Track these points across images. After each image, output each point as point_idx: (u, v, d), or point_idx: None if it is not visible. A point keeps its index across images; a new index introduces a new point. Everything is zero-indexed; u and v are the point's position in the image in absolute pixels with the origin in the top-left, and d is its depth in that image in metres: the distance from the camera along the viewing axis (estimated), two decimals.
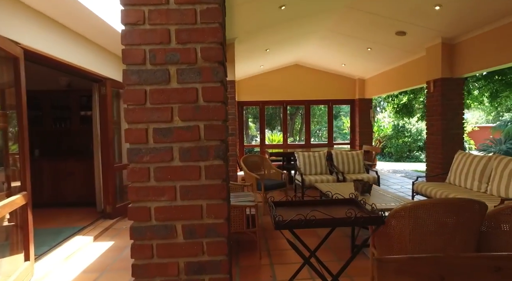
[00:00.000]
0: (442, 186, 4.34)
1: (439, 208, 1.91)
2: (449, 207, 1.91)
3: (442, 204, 1.91)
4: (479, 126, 21.52)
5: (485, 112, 23.76)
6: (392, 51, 6.86)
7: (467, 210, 1.93)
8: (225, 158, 1.46)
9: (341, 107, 18.58)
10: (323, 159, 5.75)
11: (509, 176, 3.61)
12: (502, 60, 4.75)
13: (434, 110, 5.90)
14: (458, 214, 1.92)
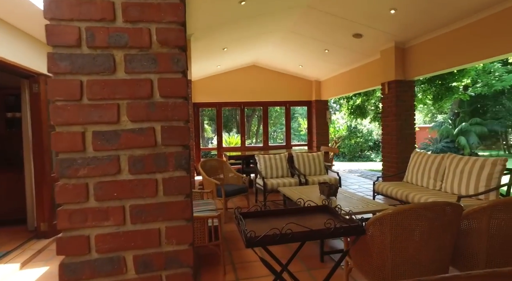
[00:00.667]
0: (401, 185, 4.43)
1: (421, 213, 1.80)
2: (432, 211, 1.82)
3: (424, 208, 1.81)
4: (419, 127, 23.41)
5: (422, 114, 25.92)
6: (349, 53, 7.00)
7: (448, 213, 1.85)
8: (189, 167, 1.17)
9: (296, 108, 18.92)
10: (284, 162, 5.62)
11: (461, 174, 3.76)
12: (447, 64, 5.02)
13: (389, 111, 6.09)
14: (440, 218, 1.83)
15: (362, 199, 3.50)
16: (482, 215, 1.98)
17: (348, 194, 3.83)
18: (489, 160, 3.52)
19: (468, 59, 4.65)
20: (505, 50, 4.11)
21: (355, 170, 10.15)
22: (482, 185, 3.49)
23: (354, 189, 6.76)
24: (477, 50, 4.48)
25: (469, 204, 3.34)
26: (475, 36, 4.49)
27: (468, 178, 3.65)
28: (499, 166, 3.42)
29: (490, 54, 4.32)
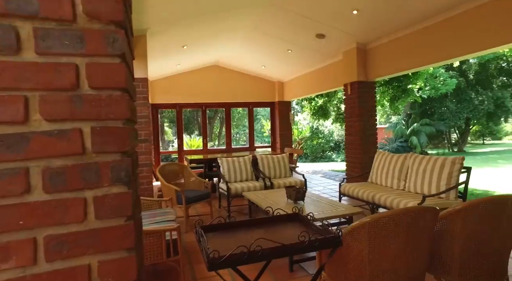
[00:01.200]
0: (366, 186, 4.42)
1: (400, 219, 1.67)
2: (410, 217, 1.69)
3: (403, 215, 1.68)
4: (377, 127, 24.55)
5: (378, 115, 27.30)
6: (312, 54, 6.98)
7: (426, 218, 1.75)
8: (131, 181, 0.89)
9: (258, 110, 18.86)
10: (249, 165, 5.41)
11: (423, 173, 3.81)
12: (407, 66, 5.15)
13: (352, 112, 6.14)
14: (418, 223, 1.72)
15: (330, 203, 3.39)
16: (456, 218, 1.91)
17: (316, 197, 3.71)
18: (449, 159, 3.60)
19: (425, 61, 4.79)
20: (458, 53, 4.27)
21: (318, 171, 10.24)
22: (443, 183, 3.55)
23: (319, 190, 6.74)
24: (434, 53, 4.62)
25: (433, 203, 3.36)
26: (432, 39, 4.63)
27: (430, 177, 3.70)
28: (457, 165, 3.50)
29: (445, 56, 4.47)
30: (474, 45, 4.04)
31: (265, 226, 1.95)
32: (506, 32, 3.63)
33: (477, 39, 3.98)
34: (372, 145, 6.08)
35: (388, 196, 3.74)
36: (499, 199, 1.96)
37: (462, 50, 4.19)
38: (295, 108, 17.92)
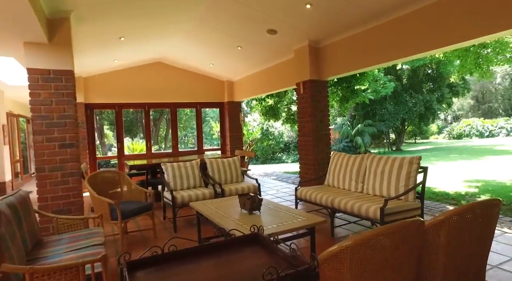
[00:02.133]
0: (323, 189, 4.18)
1: (386, 238, 1.34)
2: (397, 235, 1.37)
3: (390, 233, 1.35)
4: None
5: None
6: (263, 52, 6.67)
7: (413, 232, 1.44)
8: None
9: (206, 111, 18.23)
10: (197, 170, 4.87)
11: (381, 174, 3.67)
12: (358, 65, 5.07)
13: (305, 112, 5.95)
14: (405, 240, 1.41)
15: (288, 211, 3.04)
16: (440, 228, 1.66)
17: (273, 205, 3.34)
18: (406, 159, 3.49)
19: (378, 60, 4.74)
20: (410, 52, 4.25)
21: (270, 173, 10.01)
22: (402, 184, 3.43)
23: (273, 194, 6.43)
24: (386, 52, 4.58)
25: (394, 206, 3.20)
26: (384, 38, 4.58)
27: (389, 179, 3.57)
28: (415, 165, 3.41)
29: (397, 56, 4.44)
30: (425, 44, 4.03)
31: (217, 254, 1.49)
32: (459, 31, 3.65)
33: (429, 38, 3.98)
34: (326, 146, 5.95)
35: (348, 200, 3.51)
36: (472, 206, 1.77)
37: (414, 49, 4.18)
38: (245, 109, 17.64)
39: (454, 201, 5.50)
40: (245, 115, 16.55)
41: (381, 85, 16.99)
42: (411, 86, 19.45)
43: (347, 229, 3.99)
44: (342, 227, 4.06)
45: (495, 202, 1.84)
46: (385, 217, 3.07)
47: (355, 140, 18.94)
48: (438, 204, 5.23)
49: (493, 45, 6.79)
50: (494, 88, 31.19)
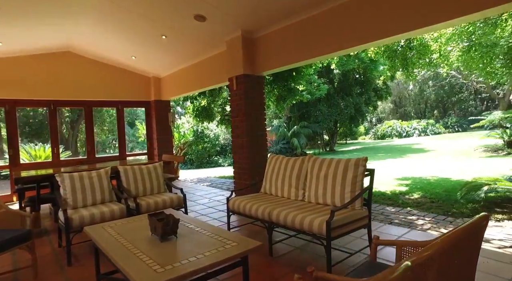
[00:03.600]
0: (259, 198, 3.58)
1: None
2: None
3: None
4: None
5: None
6: (191, 43, 5.88)
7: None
8: None
9: (138, 111, 16.60)
10: (105, 181, 3.88)
11: (325, 179, 3.20)
12: (296, 58, 4.62)
13: (238, 110, 5.32)
14: None
15: (215, 233, 2.34)
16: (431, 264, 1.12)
17: (195, 224, 2.60)
18: (352, 161, 3.07)
19: (316, 53, 4.33)
20: (350, 44, 3.91)
21: (204, 179, 9.18)
22: (348, 190, 2.99)
23: (204, 203, 5.67)
24: (325, 44, 4.20)
25: (341, 217, 2.72)
26: (323, 28, 4.19)
27: (333, 184, 3.11)
28: (361, 167, 3.00)
29: (337, 47, 4.07)
30: (367, 34, 3.71)
31: None
32: (402, 21, 3.38)
33: (371, 28, 3.66)
34: (262, 148, 5.41)
35: (288, 211, 2.95)
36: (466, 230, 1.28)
37: (355, 40, 3.84)
38: (180, 111, 16.46)
39: (391, 201, 5.41)
40: (174, 116, 15.42)
41: (316, 87, 17.44)
42: (342, 89, 20.38)
43: (289, 244, 3.45)
44: (283, 242, 3.50)
45: (483, 220, 1.39)
46: (332, 231, 2.57)
47: (291, 142, 19.11)
48: (377, 205, 5.06)
49: (417, 48, 7.04)
50: (408, 94, 34.82)
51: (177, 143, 10.00)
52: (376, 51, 6.96)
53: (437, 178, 7.58)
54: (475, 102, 29.47)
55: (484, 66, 6.41)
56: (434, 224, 3.92)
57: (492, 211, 4.40)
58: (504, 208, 4.55)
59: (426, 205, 5.00)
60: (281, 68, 4.99)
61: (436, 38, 6.73)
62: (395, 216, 4.35)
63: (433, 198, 5.45)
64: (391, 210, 4.74)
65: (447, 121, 28.09)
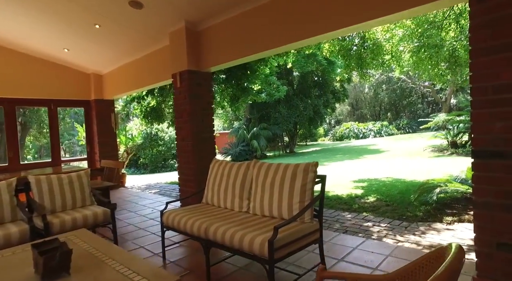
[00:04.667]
0: (198, 211, 3.09)
1: None
2: None
3: None
4: (220, 132, 24.76)
5: (222, 120, 27.80)
6: (131, 34, 5.22)
7: None
8: None
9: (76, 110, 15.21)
10: (6, 195, 3.14)
11: (271, 187, 2.80)
12: (244, 52, 4.20)
13: (183, 110, 4.79)
14: None
15: (126, 264, 1.81)
16: None
17: (104, 251, 2.04)
18: (301, 166, 2.70)
19: (262, 47, 3.95)
20: (300, 36, 3.57)
21: (153, 185, 8.45)
22: (296, 201, 2.61)
23: (146, 215, 5.03)
24: (270, 37, 3.83)
25: (287, 233, 2.33)
26: (268, 20, 3.82)
27: (280, 193, 2.71)
28: (311, 174, 2.63)
29: (283, 41, 3.72)
30: (317, 26, 3.39)
31: None
32: (355, 12, 3.09)
33: (322, 19, 3.35)
34: (210, 152, 4.91)
35: (227, 227, 2.50)
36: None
37: (304, 32, 3.51)
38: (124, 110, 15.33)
39: (347, 205, 5.19)
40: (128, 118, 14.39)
41: (275, 89, 17.28)
42: (301, 91, 20.49)
43: (232, 263, 2.99)
44: (226, 261, 3.04)
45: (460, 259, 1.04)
46: (276, 252, 2.16)
47: (251, 144, 18.77)
48: (333, 211, 4.79)
49: (370, 48, 6.99)
50: (364, 96, 36.29)
51: (125, 147, 9.14)
52: (331, 50, 6.80)
53: (391, 179, 7.60)
54: (422, 105, 31.42)
55: (432, 67, 6.54)
56: (390, 231, 3.70)
57: (443, 213, 4.32)
58: (453, 209, 4.51)
59: (382, 209, 4.84)
60: (228, 63, 4.55)
61: (389, 38, 6.74)
62: (351, 224, 4.09)
63: (388, 201, 5.33)
64: (347, 216, 4.49)
65: (399, 123, 29.58)
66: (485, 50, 2.17)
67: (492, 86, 2.15)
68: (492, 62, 2.14)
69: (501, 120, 2.12)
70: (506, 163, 2.10)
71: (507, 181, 2.10)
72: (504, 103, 2.10)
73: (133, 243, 3.71)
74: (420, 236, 3.49)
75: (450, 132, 12.45)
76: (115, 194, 6.91)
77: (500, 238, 2.15)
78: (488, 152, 2.17)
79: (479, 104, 2.22)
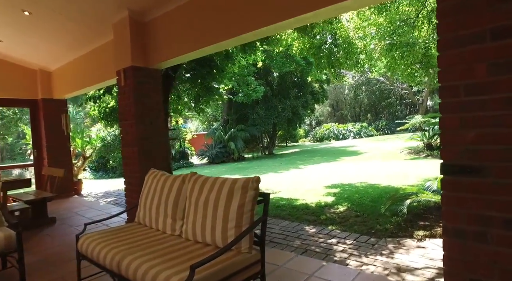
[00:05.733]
0: (122, 234, 2.54)
1: None
2: None
3: None
4: (197, 134, 24.07)
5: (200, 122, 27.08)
6: (68, 25, 4.59)
7: None
8: None
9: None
10: None
11: (204, 207, 2.29)
12: (194, 45, 3.69)
13: (128, 112, 4.22)
14: None
15: None
16: None
17: None
18: (240, 182, 2.20)
19: (214, 39, 3.45)
20: (256, 25, 3.10)
21: (111, 193, 7.77)
22: (232, 225, 2.11)
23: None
24: (223, 27, 3.34)
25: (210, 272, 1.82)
26: (220, 6, 3.32)
27: (214, 215, 2.21)
28: (251, 192, 2.14)
29: (238, 31, 3.23)
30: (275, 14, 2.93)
31: None
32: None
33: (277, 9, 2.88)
34: (162, 160, 4.35)
35: (142, 260, 1.97)
36: None
37: (261, 20, 3.03)
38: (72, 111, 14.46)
39: (313, 216, 4.75)
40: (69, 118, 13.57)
41: (252, 89, 16.82)
42: (280, 92, 20.10)
43: None
44: None
45: None
46: None
47: (228, 145, 18.22)
48: (296, 225, 4.33)
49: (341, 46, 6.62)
50: (344, 98, 36.43)
51: (79, 151, 8.39)
52: (301, 48, 6.38)
53: (365, 185, 7.27)
54: (401, 107, 31.78)
55: (405, 67, 6.25)
56: (355, 250, 3.27)
57: (414, 226, 3.95)
58: (426, 220, 4.16)
59: (351, 220, 4.43)
60: (177, 59, 4.00)
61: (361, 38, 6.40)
62: (313, 240, 3.64)
63: (358, 210, 4.93)
64: (310, 230, 4.04)
65: (379, 124, 29.77)
66: (455, 41, 1.75)
67: (465, 85, 1.73)
68: (464, 55, 1.72)
69: (474, 127, 1.70)
70: (481, 181, 1.68)
71: (482, 203, 1.69)
72: (478, 106, 1.68)
73: (48, 272, 3.08)
74: (388, 256, 3.08)
75: (426, 134, 12.37)
76: (64, 204, 6.21)
77: (474, 274, 1.74)
78: (460, 167, 1.75)
79: (449, 107, 1.79)
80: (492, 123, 1.64)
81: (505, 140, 1.61)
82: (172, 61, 4.18)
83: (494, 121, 1.63)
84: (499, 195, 1.63)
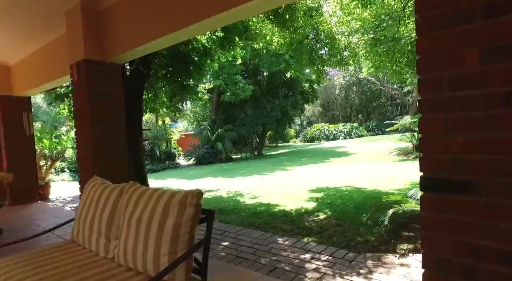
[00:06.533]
0: (50, 255, 2.11)
1: None
2: None
3: None
4: (186, 134, 23.55)
5: (189, 122, 26.56)
6: (12, 12, 4.10)
7: None
8: None
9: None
10: None
11: (137, 226, 1.87)
12: (154, 34, 3.26)
13: (83, 111, 3.77)
14: None
15: None
16: None
17: None
18: (177, 197, 1.79)
19: (170, 27, 3.04)
20: (214, 10, 2.69)
21: (78, 198, 7.28)
22: (166, 250, 1.70)
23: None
24: (183, 12, 2.93)
25: None
26: None
27: (147, 236, 1.80)
28: (190, 209, 1.74)
29: (198, 16, 2.83)
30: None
31: None
32: None
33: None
34: (122, 165, 3.90)
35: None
36: None
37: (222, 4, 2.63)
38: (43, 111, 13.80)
39: (291, 225, 4.36)
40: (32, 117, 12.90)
41: (240, 88, 16.41)
42: (269, 91, 19.73)
43: None
44: None
45: None
46: None
47: (215, 146, 17.76)
48: (270, 236, 3.92)
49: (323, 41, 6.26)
50: (335, 98, 36.26)
51: (46, 153, 7.86)
52: (281, 43, 5.99)
53: (351, 189, 6.93)
54: (391, 107, 31.72)
55: (391, 64, 5.93)
56: (330, 269, 2.88)
57: (398, 237, 3.59)
58: (410, 230, 3.81)
59: (330, 230, 4.05)
60: (134, 51, 3.56)
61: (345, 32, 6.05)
62: (285, 256, 3.25)
63: (340, 218, 4.57)
64: (284, 243, 3.65)
65: (369, 125, 29.63)
66: (437, 21, 1.37)
67: (449, 77, 1.35)
68: (448, 38, 1.35)
69: (463, 131, 1.32)
70: (471, 201, 1.31)
71: (473, 229, 1.31)
72: (468, 104, 1.31)
73: None
74: (365, 276, 2.70)
75: (415, 135, 12.13)
76: (22, 211, 5.70)
77: None
78: (443, 182, 1.37)
79: (431, 105, 1.42)
80: (486, 126, 1.27)
81: (501, 148, 1.24)
82: (132, 54, 3.74)
83: (488, 124, 1.26)
84: (495, 219, 1.26)
